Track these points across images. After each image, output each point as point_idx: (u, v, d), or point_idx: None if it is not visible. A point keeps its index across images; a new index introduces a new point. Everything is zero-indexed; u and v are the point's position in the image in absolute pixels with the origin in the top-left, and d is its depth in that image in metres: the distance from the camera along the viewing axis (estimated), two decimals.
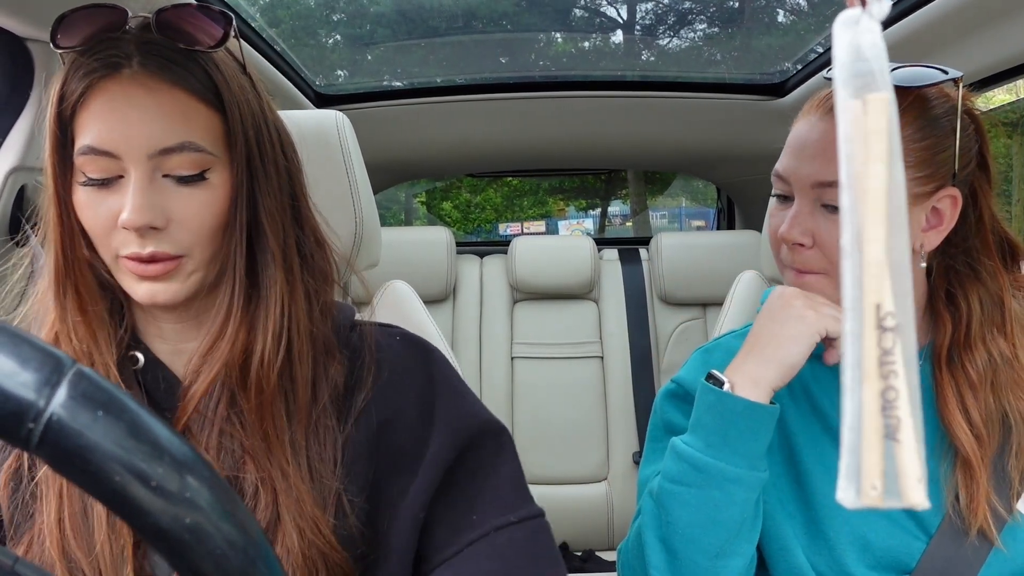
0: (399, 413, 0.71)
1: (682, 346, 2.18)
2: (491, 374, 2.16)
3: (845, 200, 0.37)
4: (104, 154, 0.61)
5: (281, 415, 0.67)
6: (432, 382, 0.74)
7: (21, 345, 0.29)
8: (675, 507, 0.76)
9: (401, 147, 2.25)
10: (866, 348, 0.36)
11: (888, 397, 0.35)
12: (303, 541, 0.64)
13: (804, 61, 1.96)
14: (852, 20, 0.38)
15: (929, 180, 0.76)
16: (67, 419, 0.29)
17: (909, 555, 0.79)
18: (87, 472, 0.30)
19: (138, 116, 0.61)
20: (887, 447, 0.36)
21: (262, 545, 0.35)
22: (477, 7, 1.95)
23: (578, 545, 2.10)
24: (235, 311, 0.67)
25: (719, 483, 0.75)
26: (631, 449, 2.11)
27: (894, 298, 0.36)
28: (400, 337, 0.77)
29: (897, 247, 0.37)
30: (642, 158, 2.78)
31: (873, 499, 0.35)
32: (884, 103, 0.38)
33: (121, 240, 0.62)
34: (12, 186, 1.04)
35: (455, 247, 2.22)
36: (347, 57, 2.23)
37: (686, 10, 2.09)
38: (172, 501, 0.31)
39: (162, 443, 0.32)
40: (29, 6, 0.94)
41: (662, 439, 0.90)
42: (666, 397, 0.92)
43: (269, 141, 0.69)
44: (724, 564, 0.76)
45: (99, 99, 0.61)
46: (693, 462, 0.76)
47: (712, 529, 0.75)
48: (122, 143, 0.61)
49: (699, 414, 0.78)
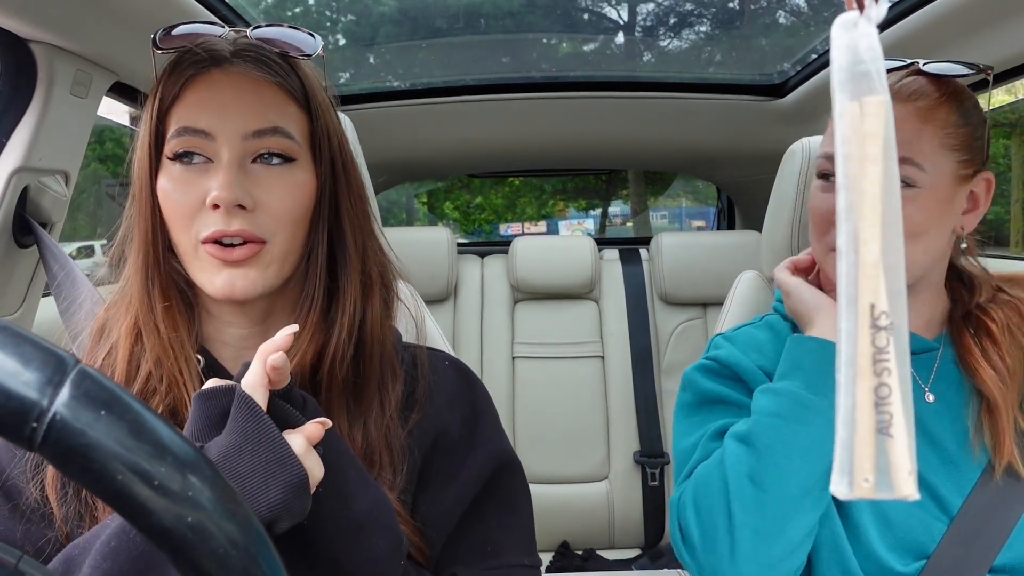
0: (443, 435, 0.76)
1: (682, 346, 2.19)
2: (492, 374, 2.16)
3: (841, 201, 0.38)
4: (199, 133, 0.65)
5: (344, 412, 0.69)
6: (475, 410, 0.79)
7: (24, 344, 0.30)
8: (772, 441, 0.78)
9: (403, 147, 2.26)
10: (860, 346, 0.37)
11: (881, 393, 0.36)
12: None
13: (804, 62, 1.96)
14: (850, 23, 0.39)
15: (970, 164, 0.82)
16: (70, 418, 0.29)
17: (930, 537, 0.80)
18: (90, 471, 0.30)
19: (234, 98, 0.65)
20: (879, 441, 0.36)
21: (263, 543, 0.35)
22: (479, 7, 1.95)
23: (579, 544, 2.10)
24: (314, 310, 0.69)
25: (820, 419, 0.77)
26: (631, 448, 2.12)
27: (888, 297, 0.37)
28: (449, 363, 0.82)
29: (891, 248, 0.37)
30: (643, 158, 2.78)
31: (865, 491, 0.36)
32: (881, 106, 0.38)
33: (205, 221, 0.65)
34: (15, 187, 1.04)
35: (456, 247, 2.22)
36: (350, 58, 2.24)
37: (687, 11, 2.09)
38: (174, 500, 0.32)
39: (164, 442, 0.32)
40: (32, 8, 0.94)
41: (696, 413, 0.92)
42: (701, 371, 0.94)
43: (347, 153, 0.73)
44: (806, 506, 0.77)
45: (196, 89, 0.66)
46: (796, 398, 0.79)
47: (809, 462, 0.77)
48: (217, 123, 0.65)
49: (796, 358, 0.82)
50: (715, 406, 0.89)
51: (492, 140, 2.28)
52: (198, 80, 0.66)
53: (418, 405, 0.75)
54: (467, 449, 0.76)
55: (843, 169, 0.38)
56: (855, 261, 0.37)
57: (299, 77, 0.70)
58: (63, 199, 1.14)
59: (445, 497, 0.73)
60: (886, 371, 0.36)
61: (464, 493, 0.74)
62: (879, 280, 0.37)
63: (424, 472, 0.74)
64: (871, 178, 0.38)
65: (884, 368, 0.36)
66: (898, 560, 0.80)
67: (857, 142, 0.38)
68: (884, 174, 0.38)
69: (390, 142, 2.18)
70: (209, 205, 0.64)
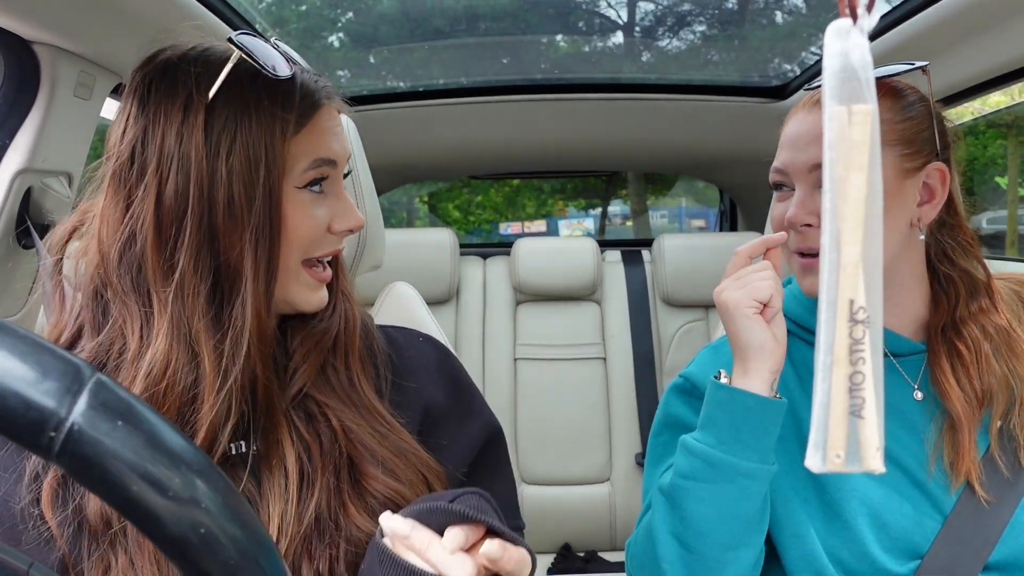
0: (432, 405, 0.79)
1: (685, 347, 2.19)
2: (494, 375, 2.16)
3: (827, 203, 0.39)
4: (330, 163, 0.70)
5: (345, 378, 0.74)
6: (458, 381, 0.84)
7: (43, 354, 0.30)
8: (689, 502, 0.79)
9: (405, 149, 2.26)
10: (838, 337, 0.39)
11: (855, 380, 0.39)
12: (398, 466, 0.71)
13: (805, 64, 1.96)
14: (843, 30, 0.40)
15: (915, 156, 0.83)
16: (87, 428, 0.29)
17: (924, 536, 0.81)
18: (106, 482, 0.30)
19: (338, 130, 0.72)
20: (852, 422, 0.39)
21: (272, 553, 0.35)
22: (479, 8, 1.95)
23: (581, 546, 2.10)
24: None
25: (732, 478, 0.77)
26: (634, 450, 2.11)
27: (866, 294, 0.40)
28: (423, 339, 0.86)
29: (871, 250, 0.39)
30: (645, 160, 2.78)
31: (837, 465, 0.40)
32: (868, 115, 0.40)
33: (323, 243, 0.71)
34: (19, 188, 1.04)
35: (459, 249, 2.22)
36: (351, 60, 2.24)
37: (687, 12, 2.09)
38: (187, 510, 0.31)
39: (178, 453, 0.32)
40: (36, 9, 0.94)
41: (662, 433, 0.93)
42: (673, 391, 0.95)
43: None
44: (735, 556, 0.78)
45: (320, 122, 0.69)
46: (706, 458, 0.78)
47: (726, 522, 0.77)
48: (340, 151, 0.72)
49: (710, 411, 0.80)
50: (677, 431, 0.89)
51: (495, 142, 2.28)
52: (320, 112, 0.70)
53: (398, 379, 0.78)
54: (458, 420, 0.80)
55: (829, 173, 0.40)
56: (837, 261, 0.39)
57: None
58: (66, 200, 1.13)
59: (447, 459, 0.76)
60: (861, 360, 0.39)
61: (460, 462, 0.78)
62: (858, 278, 0.39)
63: (419, 435, 0.76)
64: (855, 184, 0.40)
65: (860, 357, 0.39)
66: (893, 561, 0.80)
67: (844, 148, 0.40)
68: (867, 181, 0.40)
69: (392, 144, 2.18)
70: (337, 231, 0.72)
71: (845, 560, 0.81)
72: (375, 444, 0.71)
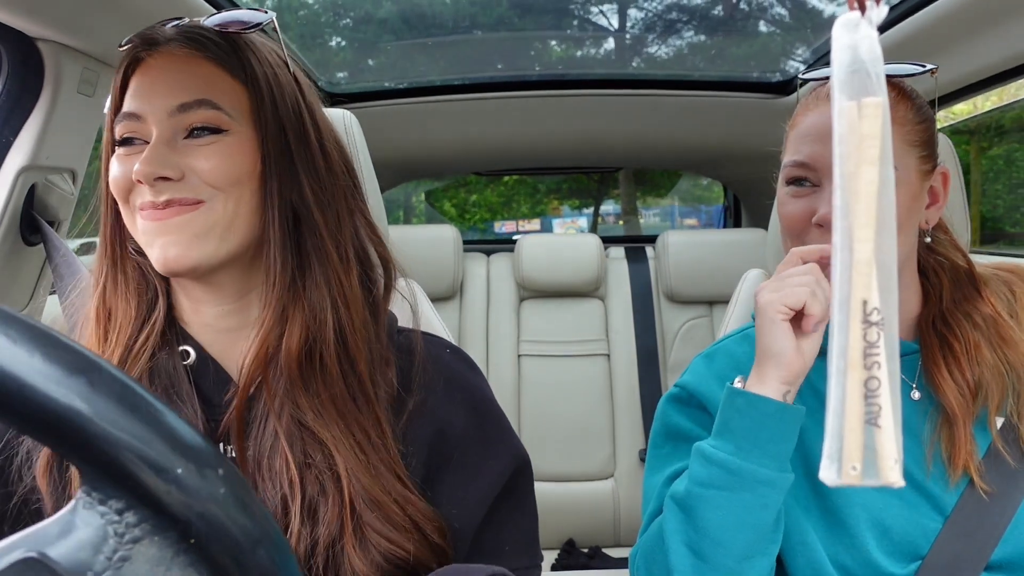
0: (448, 425, 0.73)
1: (688, 344, 2.18)
2: (498, 372, 2.16)
3: (837, 200, 0.38)
4: (132, 116, 0.67)
5: (349, 401, 0.68)
6: (483, 402, 0.77)
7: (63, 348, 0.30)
8: (705, 511, 0.76)
9: (407, 146, 2.25)
10: (852, 340, 0.38)
11: (871, 386, 0.38)
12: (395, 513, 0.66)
13: (810, 59, 1.95)
14: (852, 23, 0.39)
15: (929, 158, 0.83)
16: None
17: (924, 537, 0.80)
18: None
19: (162, 78, 0.67)
20: (868, 432, 0.37)
21: (279, 540, 0.35)
22: (477, 14, 1.95)
23: (584, 542, 2.10)
24: (278, 284, 0.67)
25: (751, 486, 0.75)
26: (637, 446, 2.11)
27: (880, 294, 0.38)
28: (449, 350, 0.79)
29: (885, 247, 0.38)
30: (648, 156, 2.77)
31: (853, 478, 0.38)
32: (879, 108, 0.39)
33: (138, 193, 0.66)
34: (23, 185, 1.04)
35: (462, 245, 2.22)
36: (351, 60, 2.24)
37: (692, 7, 2.08)
38: (190, 494, 0.31)
39: (183, 438, 0.32)
40: (39, 6, 0.94)
41: (664, 445, 0.90)
42: (670, 402, 0.92)
43: (305, 125, 0.71)
44: (750, 565, 0.76)
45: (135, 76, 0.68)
46: (725, 465, 0.76)
47: (743, 531, 0.75)
48: (146, 104, 0.66)
49: (727, 417, 0.77)
50: (679, 442, 0.87)
51: (497, 138, 2.28)
52: (139, 68, 0.68)
53: (411, 389, 0.72)
54: (483, 446, 0.74)
55: (840, 169, 0.38)
56: (849, 260, 0.38)
57: (237, 47, 0.69)
58: (70, 197, 1.14)
59: (469, 496, 0.72)
60: (876, 365, 0.37)
61: (487, 493, 0.73)
62: (872, 277, 0.37)
63: (432, 462, 0.72)
64: (867, 179, 0.38)
65: (875, 362, 0.37)
66: (895, 564, 0.80)
67: (854, 143, 0.39)
68: (880, 175, 0.39)
69: (394, 140, 2.17)
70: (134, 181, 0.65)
71: (848, 566, 0.80)
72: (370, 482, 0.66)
